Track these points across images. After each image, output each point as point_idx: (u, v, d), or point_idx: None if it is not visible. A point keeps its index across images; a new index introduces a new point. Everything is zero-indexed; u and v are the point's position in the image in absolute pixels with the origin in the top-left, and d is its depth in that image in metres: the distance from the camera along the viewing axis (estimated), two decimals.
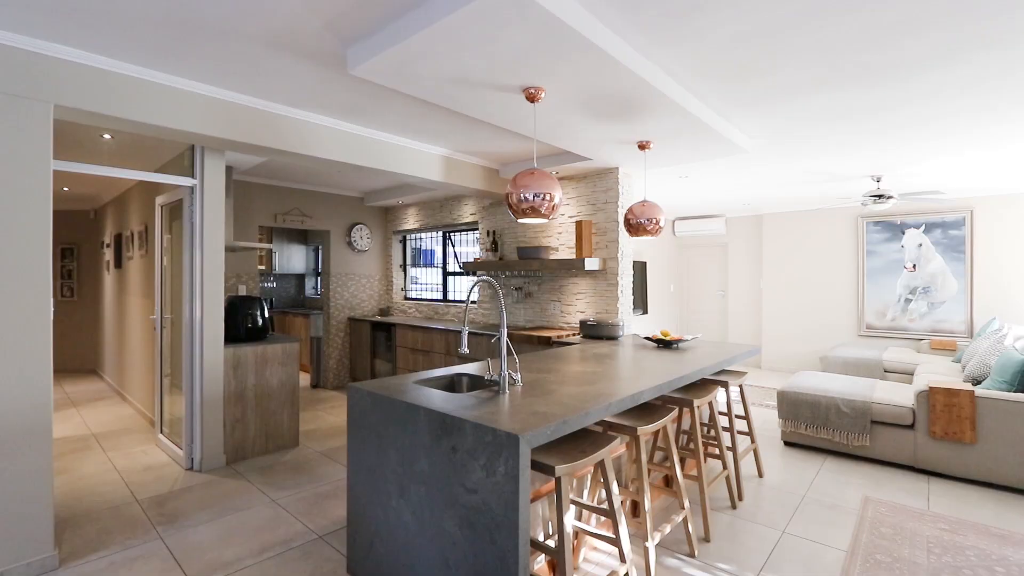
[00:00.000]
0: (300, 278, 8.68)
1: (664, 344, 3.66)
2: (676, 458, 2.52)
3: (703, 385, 3.08)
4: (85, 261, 7.42)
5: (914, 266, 6.49)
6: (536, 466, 1.79)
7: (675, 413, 2.52)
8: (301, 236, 8.26)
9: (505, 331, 2.20)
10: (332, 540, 2.63)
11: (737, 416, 3.58)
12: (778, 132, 3.64)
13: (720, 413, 3.80)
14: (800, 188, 5.82)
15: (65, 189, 6.05)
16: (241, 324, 3.88)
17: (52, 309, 3.50)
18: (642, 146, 3.60)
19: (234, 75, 2.74)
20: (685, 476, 2.75)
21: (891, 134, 3.68)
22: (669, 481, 3.29)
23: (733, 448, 3.21)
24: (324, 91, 2.95)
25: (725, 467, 3.03)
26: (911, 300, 6.52)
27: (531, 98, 2.59)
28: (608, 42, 2.15)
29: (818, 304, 7.28)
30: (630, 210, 3.60)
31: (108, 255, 6.43)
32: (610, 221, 4.41)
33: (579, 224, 4.42)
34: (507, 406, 1.93)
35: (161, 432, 4.09)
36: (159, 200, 4.11)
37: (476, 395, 2.10)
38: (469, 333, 4.82)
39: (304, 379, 6.84)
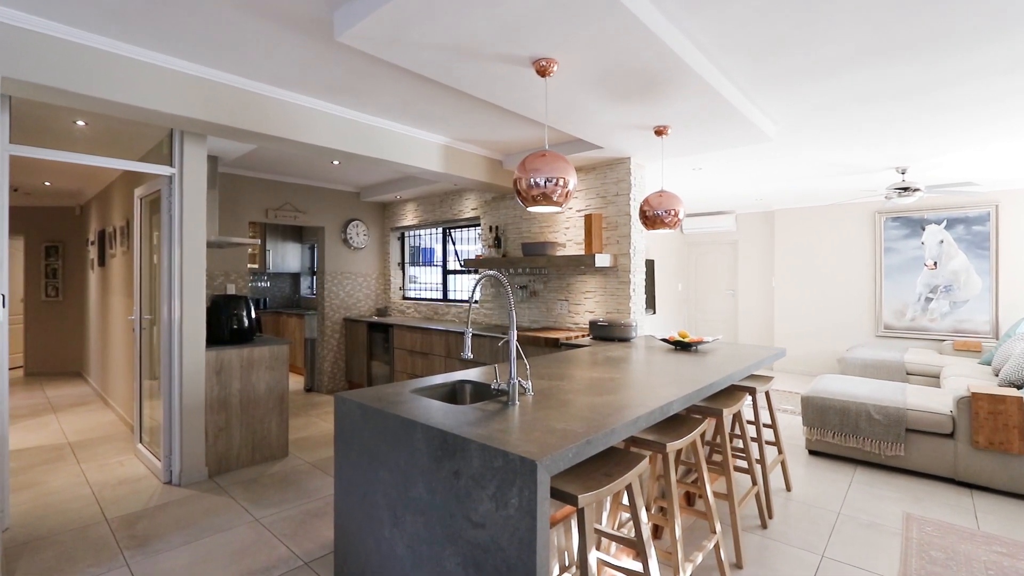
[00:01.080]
0: (295, 277, 8.39)
1: (682, 346, 3.38)
2: (706, 475, 2.24)
3: (729, 392, 2.80)
4: (70, 259, 7.13)
5: (935, 263, 6.21)
6: (554, 494, 1.51)
7: (705, 425, 2.24)
8: (296, 234, 7.98)
9: (515, 333, 1.92)
10: (319, 567, 2.35)
11: (763, 425, 3.30)
12: (803, 118, 3.36)
13: (747, 422, 3.51)
14: (819, 182, 5.54)
15: (47, 184, 5.77)
16: (225, 325, 3.59)
17: (6, 307, 3.13)
18: (659, 132, 3.32)
19: (211, 47, 2.46)
20: (696, 488, 2.47)
21: (922, 121, 3.41)
22: (690, 498, 3.01)
23: (762, 460, 2.93)
24: (311, 67, 2.66)
25: (755, 482, 2.75)
26: (932, 299, 6.24)
27: (542, 72, 2.31)
28: (633, 1, 1.86)
29: (833, 304, 7.00)
30: (646, 201, 3.32)
31: (92, 253, 6.14)
32: (621, 215, 4.13)
33: (588, 218, 4.14)
34: (518, 421, 1.64)
35: (140, 441, 3.81)
36: (138, 192, 3.83)
37: (482, 408, 1.82)
38: (472, 335, 4.54)
39: (297, 382, 6.56)
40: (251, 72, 2.75)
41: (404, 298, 6.48)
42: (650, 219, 3.29)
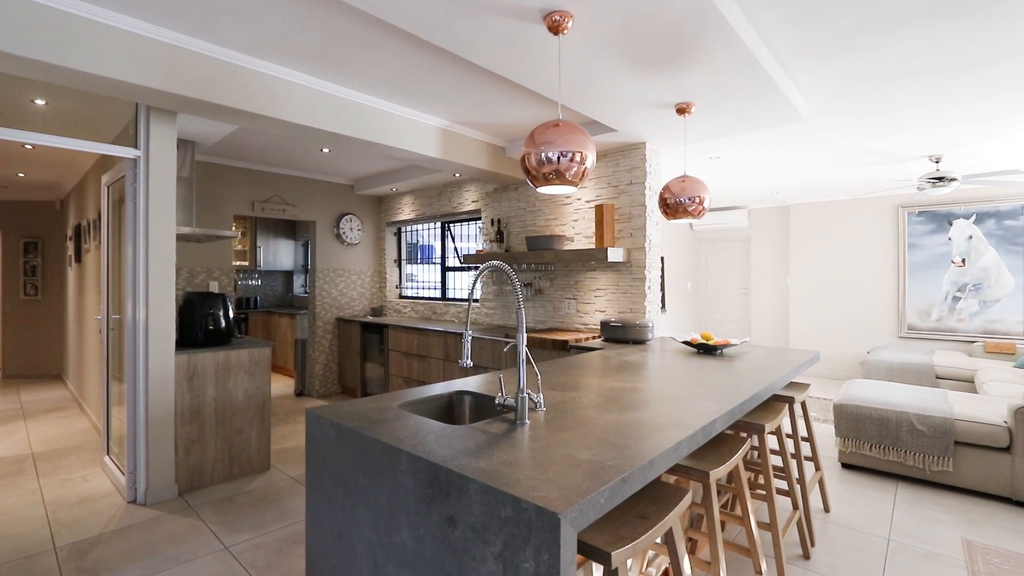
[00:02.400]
0: (288, 275, 8.06)
1: (706, 350, 3.03)
2: (748, 503, 1.89)
3: (765, 403, 2.46)
4: (50, 256, 6.79)
5: (963, 260, 5.86)
6: (579, 548, 1.16)
7: (748, 445, 1.90)
8: (288, 230, 7.64)
9: (524, 337, 1.57)
10: None
11: (792, 437, 2.95)
12: (838, 96, 3.01)
13: (786, 436, 3.16)
14: (842, 173, 5.19)
15: (21, 175, 5.43)
16: (199, 326, 3.25)
17: None
18: (681, 110, 2.97)
19: (177, 6, 2.12)
20: (735, 519, 2.12)
21: (964, 102, 3.06)
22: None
23: (801, 480, 2.58)
24: (289, 31, 2.32)
25: (796, 505, 2.40)
26: (960, 298, 5.88)
27: (555, 28, 1.96)
28: None
29: (852, 303, 6.65)
30: (666, 188, 2.97)
31: (71, 249, 5.81)
32: (635, 205, 3.78)
33: (599, 209, 3.79)
34: (530, 448, 1.30)
35: (108, 453, 3.47)
36: (105, 179, 3.48)
37: (484, 428, 1.47)
38: (472, 338, 4.20)
39: (288, 386, 6.21)
40: (222, 37, 2.41)
41: (401, 297, 6.13)
42: (671, 207, 2.95)
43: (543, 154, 1.89)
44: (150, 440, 2.93)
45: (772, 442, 3.62)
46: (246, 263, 7.19)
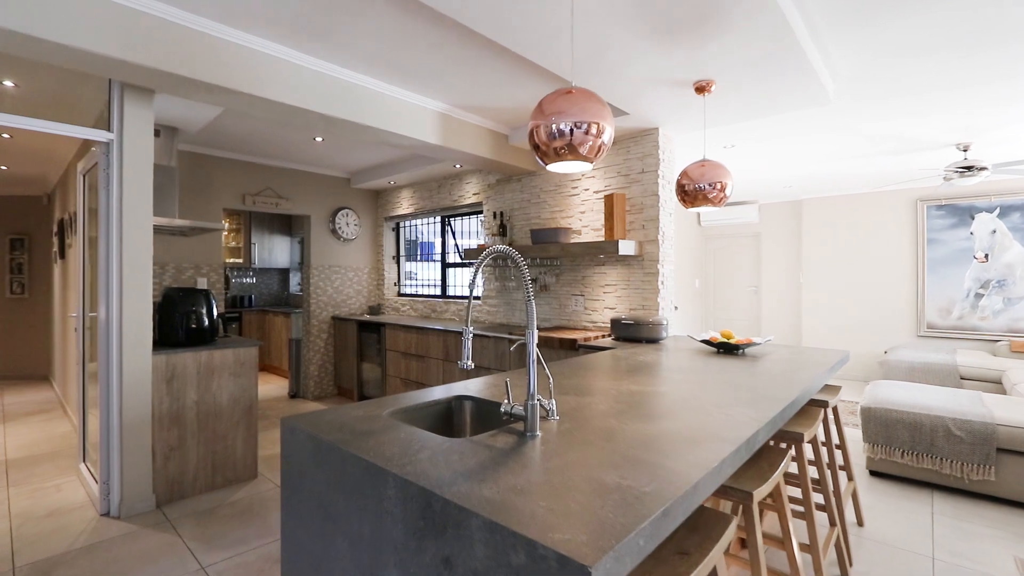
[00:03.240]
0: (284, 273, 7.83)
1: (727, 349, 2.79)
2: (791, 522, 1.65)
3: (801, 409, 2.22)
4: (38, 253, 6.57)
5: (986, 256, 5.61)
6: None
7: (789, 457, 1.66)
8: (284, 226, 7.41)
9: (535, 333, 1.33)
10: None
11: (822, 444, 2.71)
12: (868, 73, 2.77)
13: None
14: (861, 163, 4.94)
15: (2, 168, 5.21)
16: (180, 324, 3.02)
17: None
18: (701, 88, 2.73)
19: None
20: (774, 541, 1.88)
21: (999, 79, 2.82)
22: (742, 543, 2.43)
23: (836, 492, 2.35)
24: None
25: (834, 522, 2.16)
26: (983, 295, 5.63)
27: None
28: None
29: (868, 301, 6.40)
30: (684, 174, 2.74)
31: (56, 244, 5.58)
32: (648, 195, 3.54)
33: (609, 199, 3.55)
34: (544, 469, 1.06)
35: (84, 461, 3.24)
36: (80, 167, 3.26)
37: (488, 442, 1.24)
38: (473, 336, 3.97)
39: (283, 387, 5.98)
40: (198, 4, 2.18)
41: (399, 294, 5.90)
42: (690, 194, 2.71)
43: (554, 126, 1.66)
44: (124, 448, 2.70)
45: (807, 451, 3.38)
46: (240, 260, 6.97)
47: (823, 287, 6.74)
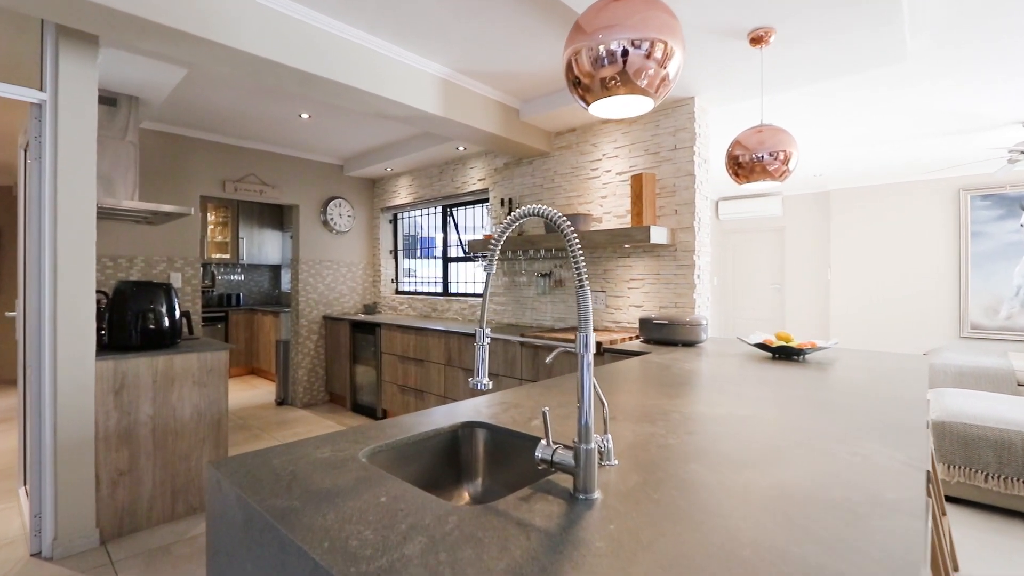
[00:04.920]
0: (275, 270, 7.37)
1: (785, 354, 2.32)
2: None
3: None
4: (7, 247, 6.10)
5: None
6: None
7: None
8: (275, 220, 6.95)
9: (591, 339, 0.86)
10: None
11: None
12: (954, 24, 2.29)
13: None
14: (907, 146, 4.47)
15: None
16: (133, 324, 2.55)
17: None
18: (758, 39, 2.26)
19: None
20: None
21: None
22: None
23: (937, 530, 1.87)
24: None
25: (940, 571, 1.68)
26: None
27: None
28: None
29: (905, 300, 5.92)
30: (737, 143, 2.26)
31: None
32: (681, 175, 3.07)
33: (637, 180, 3.08)
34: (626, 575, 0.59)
35: (24, 484, 2.77)
36: (20, 141, 2.79)
37: (520, 513, 0.76)
38: (471, 336, 3.50)
39: (270, 393, 5.51)
40: None
41: (397, 292, 5.43)
42: (744, 167, 2.24)
43: (602, 46, 1.18)
44: (60, 474, 2.23)
45: None
46: (227, 256, 6.50)
47: (853, 284, 6.26)
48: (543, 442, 0.90)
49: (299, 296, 4.90)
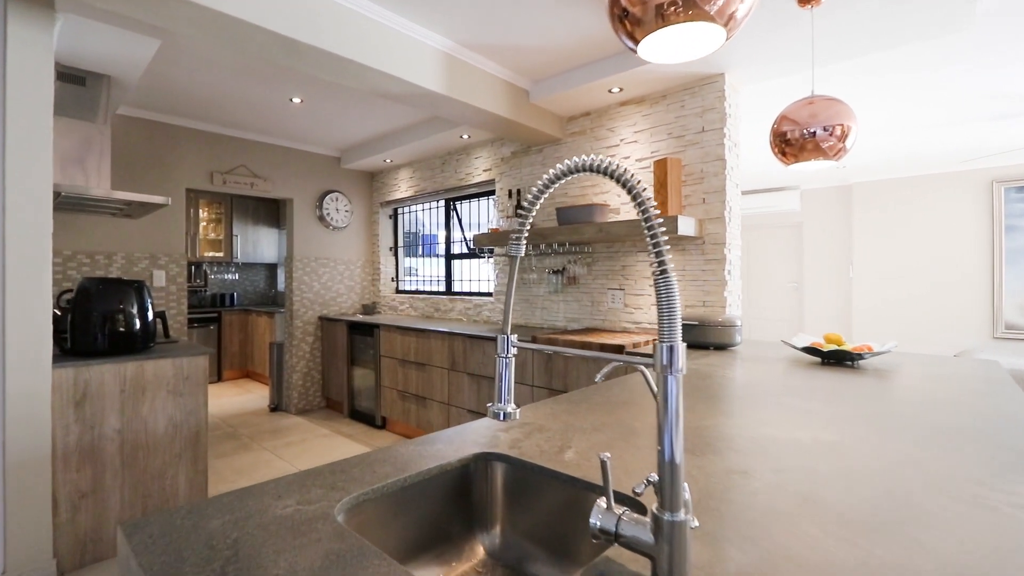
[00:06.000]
0: (271, 269, 7.09)
1: (837, 359, 2.04)
2: None
3: None
4: None
5: None
6: None
7: None
8: (271, 216, 6.67)
9: (682, 351, 0.57)
10: None
11: None
12: None
13: None
14: (943, 133, 4.16)
15: None
16: (99, 327, 2.27)
17: None
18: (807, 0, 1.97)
19: None
20: None
21: None
22: None
23: None
24: None
25: None
26: None
27: None
28: None
29: (932, 298, 5.61)
30: (785, 118, 1.98)
31: None
32: (710, 160, 2.78)
33: (661, 165, 2.79)
34: None
35: None
36: None
37: None
38: (482, 339, 3.20)
39: (265, 398, 5.23)
40: None
41: (398, 291, 5.15)
42: (794, 145, 1.95)
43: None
44: (9, 497, 1.95)
45: None
46: (220, 254, 6.22)
47: (877, 282, 5.95)
48: (601, 503, 0.61)
49: (293, 296, 4.62)
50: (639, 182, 0.60)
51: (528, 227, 0.73)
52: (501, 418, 0.71)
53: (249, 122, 3.97)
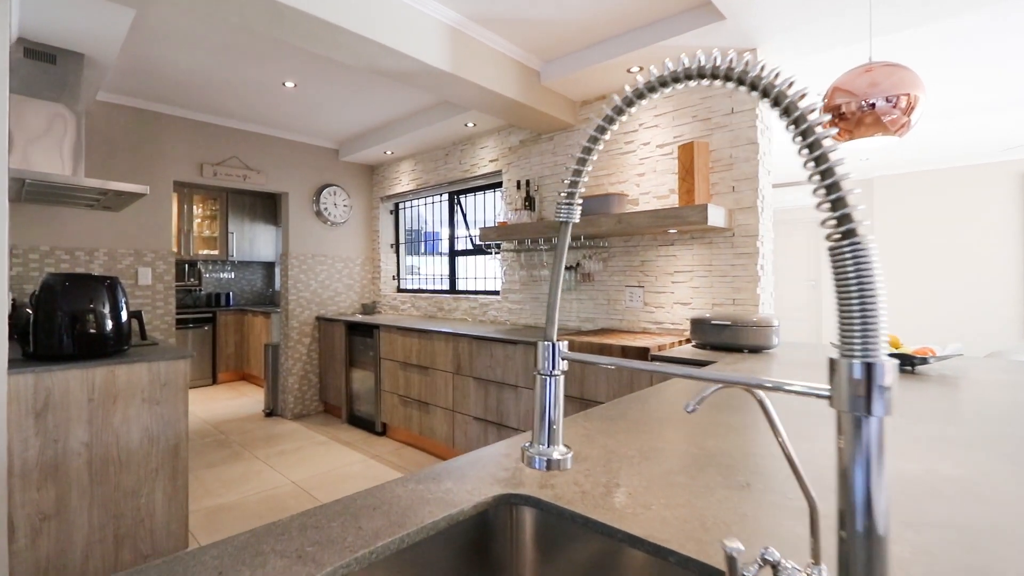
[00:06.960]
0: (268, 267, 6.87)
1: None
2: None
3: None
4: None
5: None
6: None
7: None
8: (269, 213, 6.45)
9: (886, 369, 0.34)
10: None
11: None
12: None
13: None
14: (983, 120, 3.91)
15: None
16: (64, 328, 2.03)
17: None
18: None
19: None
20: None
21: None
22: None
23: None
24: None
25: None
26: None
27: None
28: None
29: (960, 295, 5.35)
30: (838, 89, 1.74)
31: None
32: (740, 144, 2.53)
33: (687, 149, 2.54)
34: None
35: None
36: None
37: None
38: (494, 341, 2.96)
39: (259, 402, 5.00)
40: None
41: (399, 290, 4.92)
42: (850, 119, 1.71)
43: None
44: None
45: None
46: (215, 252, 6.00)
47: (900, 280, 5.69)
48: None
49: (289, 295, 4.39)
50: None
51: (584, 181, 0.49)
52: (542, 467, 0.47)
53: (240, 110, 3.74)
